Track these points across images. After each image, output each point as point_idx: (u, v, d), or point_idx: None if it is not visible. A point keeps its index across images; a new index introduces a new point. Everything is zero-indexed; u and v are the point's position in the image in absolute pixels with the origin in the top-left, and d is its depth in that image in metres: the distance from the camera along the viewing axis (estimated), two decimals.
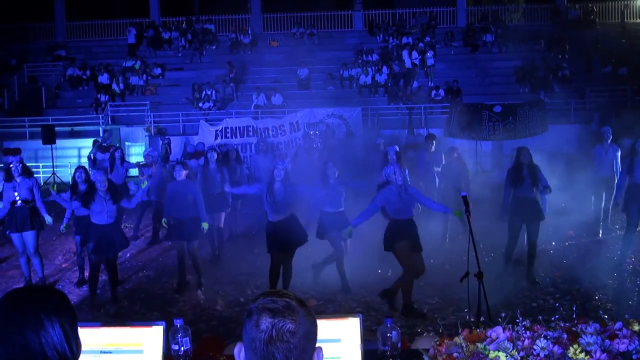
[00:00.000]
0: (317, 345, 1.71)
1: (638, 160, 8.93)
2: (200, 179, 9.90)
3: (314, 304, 7.60)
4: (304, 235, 7.81)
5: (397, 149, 10.15)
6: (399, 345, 2.84)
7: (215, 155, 10.13)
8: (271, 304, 1.66)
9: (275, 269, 7.72)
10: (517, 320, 2.64)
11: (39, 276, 8.76)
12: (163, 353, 2.75)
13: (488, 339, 2.62)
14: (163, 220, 8.50)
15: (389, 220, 7.33)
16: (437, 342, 2.74)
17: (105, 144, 15.01)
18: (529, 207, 8.48)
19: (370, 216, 7.46)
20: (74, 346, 1.76)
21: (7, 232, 8.73)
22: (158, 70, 25.07)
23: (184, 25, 27.40)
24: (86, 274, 8.59)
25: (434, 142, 11.21)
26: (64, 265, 10.10)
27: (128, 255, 10.44)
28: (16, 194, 8.34)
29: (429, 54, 23.70)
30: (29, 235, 8.38)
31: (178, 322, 2.85)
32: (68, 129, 22.46)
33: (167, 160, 12.90)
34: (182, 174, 8.38)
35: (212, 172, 10.05)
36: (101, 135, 22.24)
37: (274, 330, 1.61)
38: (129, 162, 12.91)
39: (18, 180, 8.40)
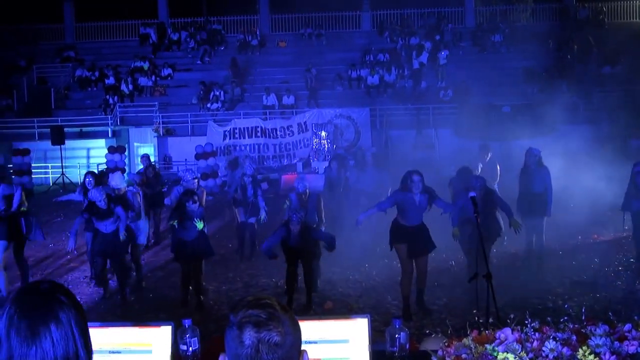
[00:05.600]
0: (304, 348, 1.65)
1: None
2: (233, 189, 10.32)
3: (330, 306, 7.61)
4: (313, 247, 7.87)
5: None
6: (407, 346, 2.83)
7: (251, 179, 10.19)
8: (254, 317, 1.55)
9: (288, 273, 7.76)
10: (526, 322, 2.63)
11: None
12: (171, 353, 2.76)
13: (497, 341, 2.61)
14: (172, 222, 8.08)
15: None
16: (446, 343, 2.73)
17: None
18: None
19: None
20: (90, 345, 1.67)
21: None
22: (167, 71, 25.14)
23: (191, 28, 27.48)
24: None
25: (489, 152, 10.49)
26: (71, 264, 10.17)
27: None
28: None
29: (443, 53, 23.65)
30: None
31: (186, 323, 2.85)
32: (77, 129, 22.58)
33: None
34: (196, 205, 7.94)
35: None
36: (110, 135, 22.37)
37: (260, 345, 1.52)
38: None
39: None
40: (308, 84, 23.49)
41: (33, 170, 20.50)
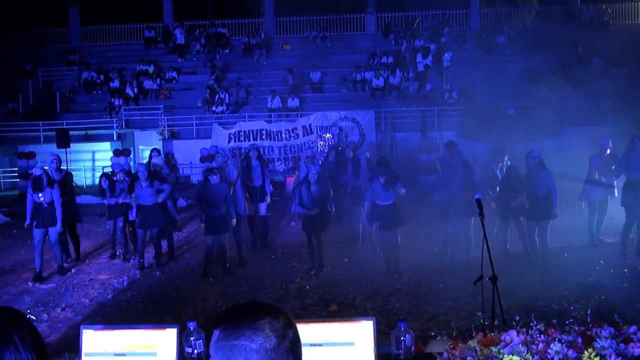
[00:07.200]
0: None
1: (634, 158, 9.49)
2: (244, 174, 11.02)
3: (335, 309, 7.62)
4: (326, 223, 9.43)
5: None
6: (413, 348, 2.83)
7: (256, 153, 11.25)
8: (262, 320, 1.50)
9: (309, 244, 9.48)
10: (532, 324, 2.63)
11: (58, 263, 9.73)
12: (177, 356, 2.76)
13: (502, 343, 2.61)
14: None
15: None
16: (451, 346, 2.73)
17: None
18: None
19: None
20: None
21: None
22: (172, 74, 25.21)
23: (196, 31, 27.54)
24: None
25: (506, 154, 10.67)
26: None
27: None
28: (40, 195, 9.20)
29: (447, 55, 23.68)
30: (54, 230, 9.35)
31: (191, 325, 2.85)
32: (82, 132, 22.67)
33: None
34: (217, 177, 9.29)
35: (254, 168, 11.06)
36: (115, 138, 22.42)
37: (286, 331, 1.50)
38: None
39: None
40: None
41: None
